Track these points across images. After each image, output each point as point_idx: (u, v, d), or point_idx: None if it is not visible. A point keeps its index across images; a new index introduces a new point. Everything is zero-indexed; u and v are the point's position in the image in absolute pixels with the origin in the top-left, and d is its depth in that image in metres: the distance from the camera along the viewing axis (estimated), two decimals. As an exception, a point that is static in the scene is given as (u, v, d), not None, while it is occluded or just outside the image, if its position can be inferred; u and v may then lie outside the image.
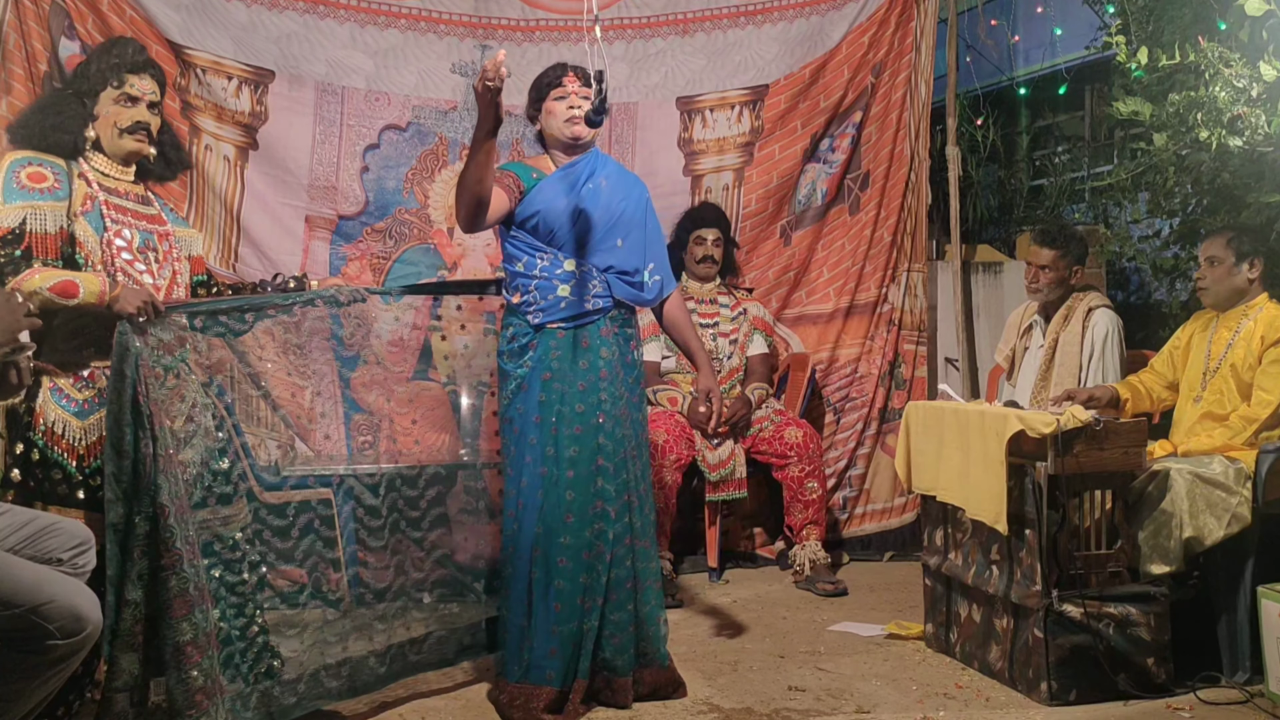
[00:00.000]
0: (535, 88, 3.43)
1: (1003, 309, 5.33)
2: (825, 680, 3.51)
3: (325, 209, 4.92)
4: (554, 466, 3.20)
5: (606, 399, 3.26)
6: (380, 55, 5.01)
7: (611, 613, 3.23)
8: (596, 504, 3.22)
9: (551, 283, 3.26)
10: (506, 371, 3.28)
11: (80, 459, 2.84)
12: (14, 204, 2.80)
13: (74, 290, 2.74)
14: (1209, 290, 3.77)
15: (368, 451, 4.68)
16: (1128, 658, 3.25)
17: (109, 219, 2.91)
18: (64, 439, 2.83)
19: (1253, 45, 3.76)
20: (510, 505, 3.27)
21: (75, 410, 2.85)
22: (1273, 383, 3.52)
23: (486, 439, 3.81)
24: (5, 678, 2.32)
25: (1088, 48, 5.93)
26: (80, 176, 2.92)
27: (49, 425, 2.83)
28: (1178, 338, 3.91)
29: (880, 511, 5.29)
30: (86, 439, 2.85)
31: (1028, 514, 3.30)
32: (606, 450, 3.23)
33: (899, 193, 5.29)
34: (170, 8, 4.66)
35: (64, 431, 2.83)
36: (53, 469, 2.83)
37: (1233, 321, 3.70)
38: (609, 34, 5.12)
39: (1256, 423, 3.51)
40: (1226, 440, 3.53)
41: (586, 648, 3.20)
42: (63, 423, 2.83)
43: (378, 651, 3.26)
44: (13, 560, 2.35)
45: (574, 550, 3.18)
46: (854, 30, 5.29)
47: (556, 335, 3.25)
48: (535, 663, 3.18)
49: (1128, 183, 4.71)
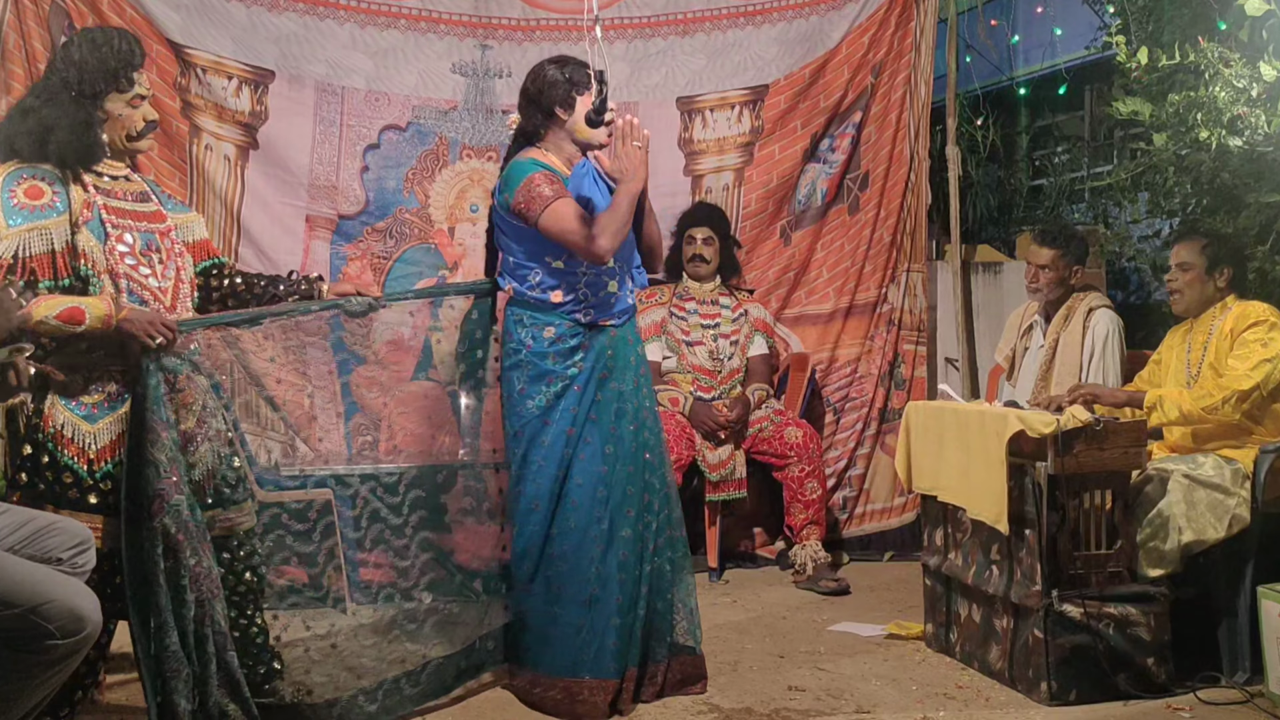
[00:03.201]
0: (566, 83, 3.31)
1: (1003, 309, 5.33)
2: (825, 680, 3.51)
3: (325, 209, 4.92)
4: (613, 464, 3.24)
5: (645, 393, 3.35)
6: (380, 55, 5.01)
7: (655, 601, 3.29)
8: (645, 497, 3.29)
9: (601, 279, 3.26)
10: (549, 371, 3.23)
11: (90, 463, 2.80)
12: (17, 227, 2.71)
13: (80, 316, 2.70)
14: (1181, 295, 3.74)
15: (368, 451, 4.68)
16: (1128, 658, 3.25)
17: (109, 224, 2.84)
18: (74, 442, 2.79)
19: (1253, 45, 3.76)
20: (549, 504, 3.24)
21: (84, 414, 2.80)
22: (1241, 360, 3.47)
23: (487, 439, 3.80)
24: (5, 678, 2.32)
25: (1088, 48, 5.94)
26: (75, 183, 2.82)
27: (58, 428, 2.78)
28: (1158, 353, 3.90)
29: (880, 511, 5.29)
30: (96, 443, 2.81)
31: (1028, 514, 3.30)
32: (650, 444, 3.33)
33: (899, 193, 5.29)
34: (170, 7, 4.66)
35: (74, 435, 2.79)
36: (63, 472, 2.78)
37: (1205, 325, 3.69)
38: (609, 34, 5.12)
39: (1228, 391, 3.42)
40: (1194, 400, 3.47)
41: (637, 636, 3.25)
42: (72, 426, 2.79)
43: (367, 690, 3.22)
44: (12, 560, 2.36)
45: (633, 543, 3.25)
46: (854, 30, 5.28)
47: (609, 333, 3.27)
48: (595, 656, 3.19)
49: (1127, 183, 4.70)
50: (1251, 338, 3.49)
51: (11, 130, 2.83)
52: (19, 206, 2.73)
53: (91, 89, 2.83)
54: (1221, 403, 3.43)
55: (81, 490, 2.78)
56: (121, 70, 2.85)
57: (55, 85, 2.82)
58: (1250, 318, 3.54)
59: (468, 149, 5.07)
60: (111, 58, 2.84)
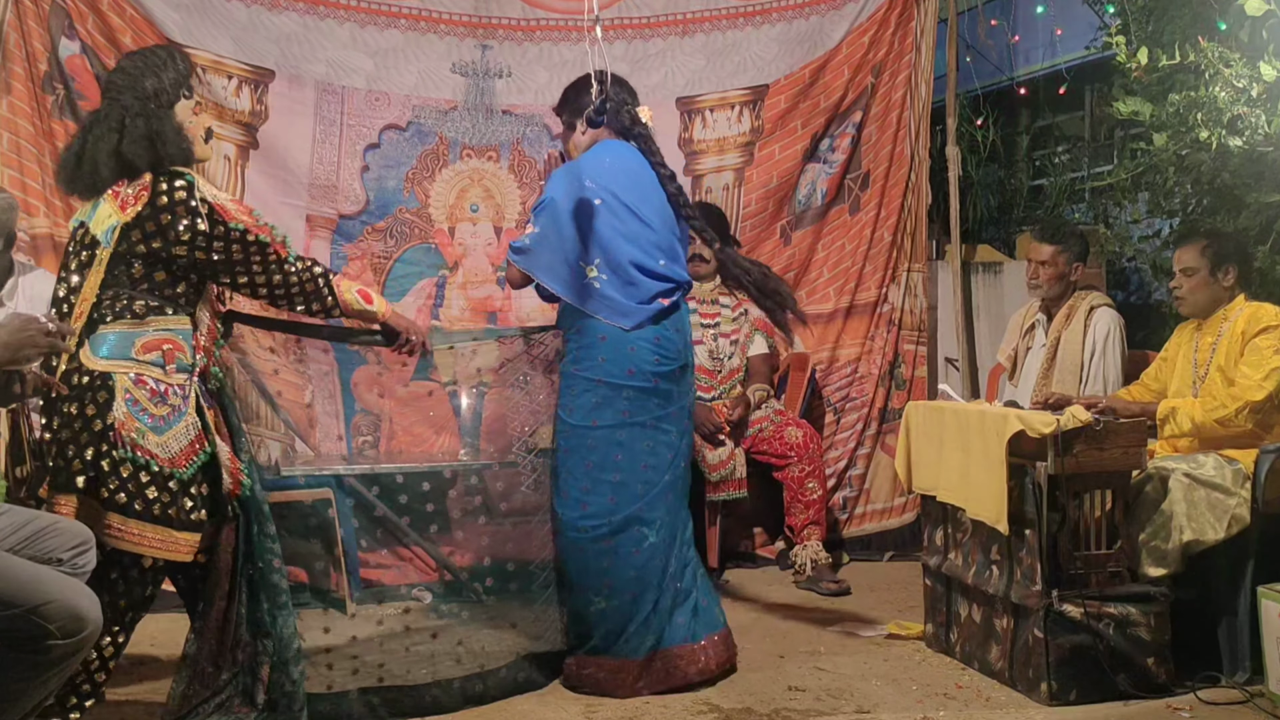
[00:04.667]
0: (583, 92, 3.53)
1: (1003, 309, 5.33)
2: (825, 680, 3.51)
3: (326, 208, 4.92)
4: (685, 460, 3.55)
5: None
6: (380, 55, 5.01)
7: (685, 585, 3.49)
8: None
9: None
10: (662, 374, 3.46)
11: (159, 475, 2.76)
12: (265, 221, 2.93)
13: (370, 300, 3.08)
14: (1186, 300, 3.74)
15: (368, 451, 4.68)
16: (1128, 658, 3.25)
17: None
18: (156, 453, 2.75)
19: (1253, 45, 3.76)
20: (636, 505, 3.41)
21: (152, 425, 2.76)
22: (1254, 368, 3.47)
23: (486, 439, 3.81)
24: (5, 678, 2.32)
25: (1088, 48, 5.93)
26: None
27: (131, 440, 2.72)
28: (1166, 350, 3.89)
29: (880, 511, 5.29)
30: (168, 452, 2.76)
31: (1028, 514, 3.30)
32: None
33: (899, 193, 5.29)
34: (170, 7, 4.65)
35: (145, 443, 2.74)
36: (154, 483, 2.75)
37: (1215, 326, 3.68)
38: (609, 34, 5.11)
39: (1241, 402, 3.43)
40: (1206, 411, 3.48)
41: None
42: (141, 433, 2.73)
43: (367, 689, 3.24)
44: (12, 560, 2.36)
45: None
46: (854, 30, 5.28)
47: None
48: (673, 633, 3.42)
49: (1128, 183, 4.70)
50: (1263, 344, 3.49)
51: (112, 147, 2.81)
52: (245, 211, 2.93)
53: (169, 99, 2.88)
54: (1235, 413, 3.44)
55: (146, 503, 2.74)
56: (185, 78, 2.93)
57: (130, 102, 2.83)
58: (1262, 322, 3.53)
59: (468, 149, 5.07)
60: (172, 68, 2.90)
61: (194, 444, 2.80)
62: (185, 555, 2.79)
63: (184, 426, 2.78)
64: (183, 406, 2.79)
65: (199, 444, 2.81)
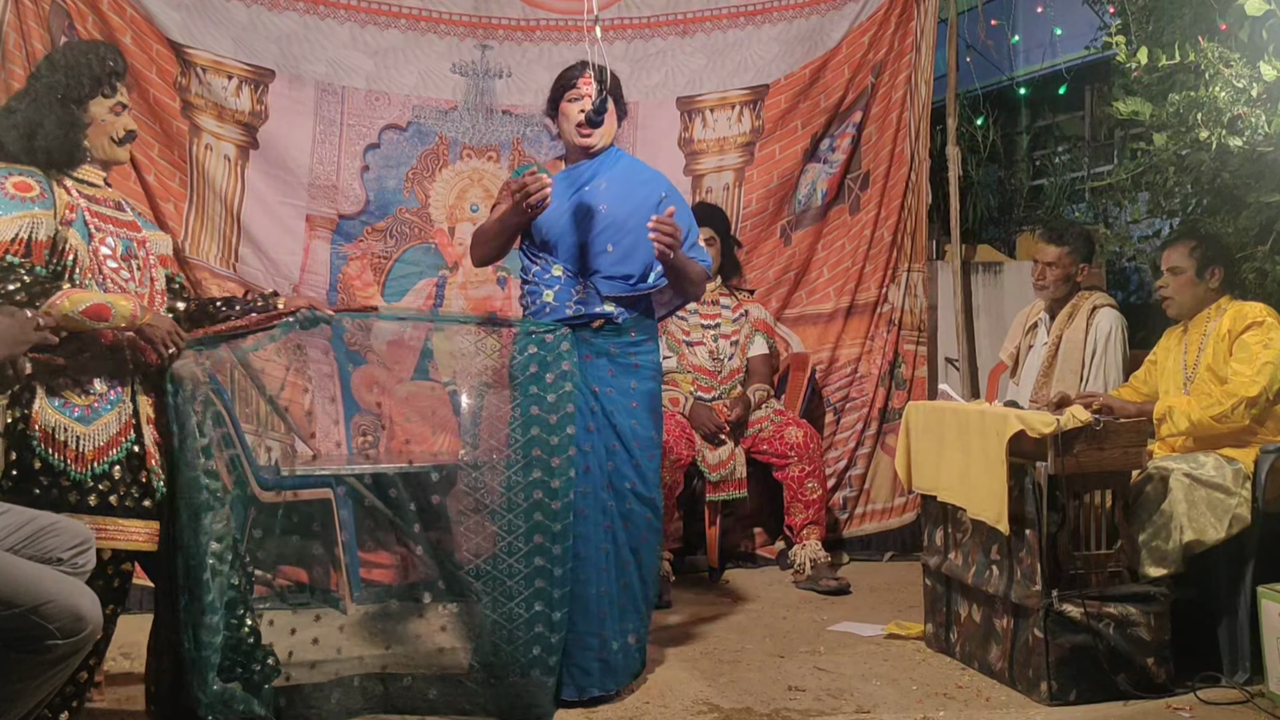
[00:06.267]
0: (554, 87, 3.35)
1: (1003, 309, 5.33)
2: (825, 680, 3.51)
3: (326, 208, 4.92)
4: None
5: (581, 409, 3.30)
6: (380, 55, 5.01)
7: None
8: None
9: (539, 288, 3.26)
10: None
11: (89, 465, 2.76)
12: (13, 214, 2.69)
13: (106, 314, 2.70)
14: (1172, 300, 3.76)
15: (368, 451, 4.69)
16: (1128, 658, 3.25)
17: (93, 227, 2.83)
18: (67, 446, 2.74)
19: (1253, 45, 3.76)
20: None
21: (78, 416, 2.75)
22: (1244, 364, 3.48)
23: (487, 439, 3.80)
24: (5, 678, 2.32)
25: (1088, 48, 5.92)
26: (59, 185, 2.81)
27: (48, 431, 2.72)
28: (1154, 354, 3.90)
29: (880, 511, 5.29)
30: (92, 444, 2.77)
31: (1028, 514, 3.30)
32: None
33: (899, 193, 5.29)
34: (170, 7, 4.65)
35: (66, 438, 2.74)
36: (59, 477, 2.74)
37: (1201, 326, 3.69)
38: (609, 34, 5.12)
39: (1236, 398, 3.43)
40: (1203, 409, 3.47)
41: None
42: (64, 428, 2.73)
43: (366, 690, 3.25)
44: (13, 560, 2.36)
45: None
46: (854, 30, 5.29)
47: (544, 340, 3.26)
48: None
49: (1128, 183, 4.70)
50: (1251, 340, 3.49)
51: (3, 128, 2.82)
52: (11, 198, 2.71)
53: (77, 93, 2.84)
54: (1231, 410, 3.44)
55: (81, 493, 2.75)
56: (106, 76, 2.87)
57: (40, 89, 2.83)
58: (1248, 318, 3.54)
59: (468, 149, 5.07)
60: (96, 64, 2.87)
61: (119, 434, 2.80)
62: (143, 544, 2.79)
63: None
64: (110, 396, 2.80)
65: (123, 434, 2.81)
